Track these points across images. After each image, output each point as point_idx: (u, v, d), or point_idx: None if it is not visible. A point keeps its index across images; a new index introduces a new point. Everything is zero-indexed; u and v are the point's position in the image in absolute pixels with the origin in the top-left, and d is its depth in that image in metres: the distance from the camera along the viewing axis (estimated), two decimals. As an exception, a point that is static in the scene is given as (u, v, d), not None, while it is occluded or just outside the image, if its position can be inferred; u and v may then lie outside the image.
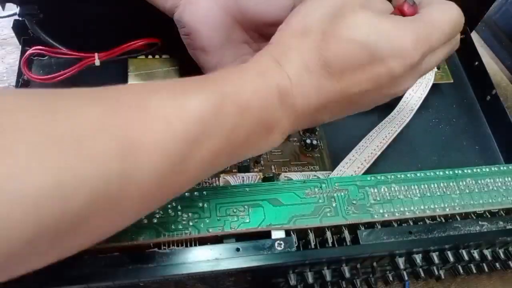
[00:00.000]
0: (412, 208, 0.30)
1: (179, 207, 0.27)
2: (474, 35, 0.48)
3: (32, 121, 0.17)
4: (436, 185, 0.31)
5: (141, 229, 0.26)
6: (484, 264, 0.33)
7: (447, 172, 0.32)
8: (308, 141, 0.37)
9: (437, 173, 0.32)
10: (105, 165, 0.18)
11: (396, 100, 0.38)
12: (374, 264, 0.29)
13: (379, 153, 0.35)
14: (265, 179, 0.33)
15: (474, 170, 0.32)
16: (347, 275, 0.28)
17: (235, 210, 0.28)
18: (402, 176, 0.31)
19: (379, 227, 0.29)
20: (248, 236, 0.27)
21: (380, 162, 0.35)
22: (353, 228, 0.29)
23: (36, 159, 0.16)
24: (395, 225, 0.30)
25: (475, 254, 0.30)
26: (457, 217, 0.31)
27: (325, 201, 0.29)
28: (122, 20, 0.35)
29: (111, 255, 0.25)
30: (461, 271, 0.33)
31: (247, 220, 0.28)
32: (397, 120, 0.36)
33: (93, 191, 0.17)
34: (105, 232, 0.21)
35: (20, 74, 0.36)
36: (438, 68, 0.41)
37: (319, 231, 0.29)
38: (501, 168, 0.33)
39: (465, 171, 0.32)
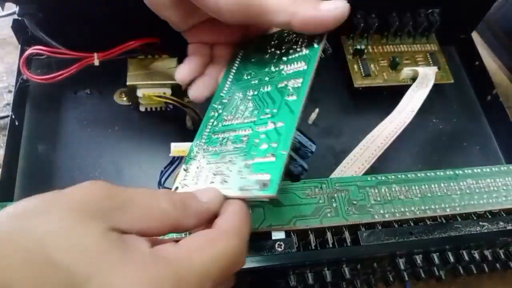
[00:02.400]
0: (412, 208, 0.30)
1: (179, 208, 0.27)
2: (475, 35, 0.48)
3: None
4: (436, 186, 0.31)
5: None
6: (485, 265, 0.32)
7: (447, 173, 0.32)
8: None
9: (438, 173, 0.32)
10: None
11: (397, 100, 0.38)
12: (375, 265, 0.29)
13: (380, 153, 0.35)
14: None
15: (475, 171, 0.32)
16: (348, 276, 0.28)
17: (235, 211, 0.28)
18: (403, 176, 0.31)
19: (380, 227, 0.29)
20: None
21: (381, 162, 0.35)
22: (353, 228, 0.29)
23: None
24: (396, 225, 0.30)
25: (476, 255, 0.30)
26: (458, 217, 0.31)
27: (326, 202, 0.29)
28: (122, 20, 0.35)
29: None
30: (462, 271, 0.33)
31: (247, 221, 0.27)
32: (398, 121, 0.36)
33: None
34: None
35: (19, 74, 0.36)
36: (439, 68, 0.41)
37: (320, 232, 0.29)
38: (502, 168, 0.33)
39: (466, 171, 0.32)
